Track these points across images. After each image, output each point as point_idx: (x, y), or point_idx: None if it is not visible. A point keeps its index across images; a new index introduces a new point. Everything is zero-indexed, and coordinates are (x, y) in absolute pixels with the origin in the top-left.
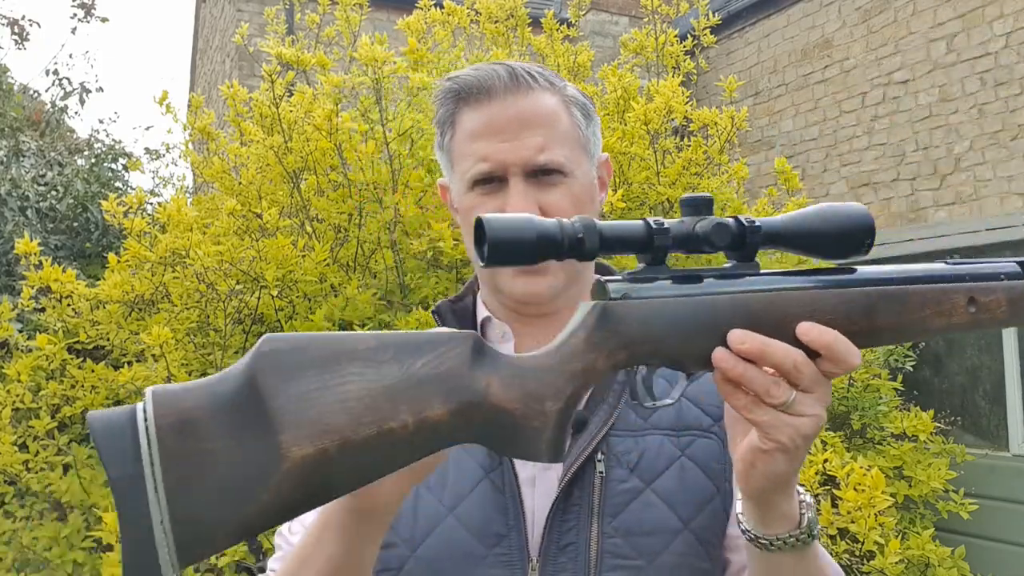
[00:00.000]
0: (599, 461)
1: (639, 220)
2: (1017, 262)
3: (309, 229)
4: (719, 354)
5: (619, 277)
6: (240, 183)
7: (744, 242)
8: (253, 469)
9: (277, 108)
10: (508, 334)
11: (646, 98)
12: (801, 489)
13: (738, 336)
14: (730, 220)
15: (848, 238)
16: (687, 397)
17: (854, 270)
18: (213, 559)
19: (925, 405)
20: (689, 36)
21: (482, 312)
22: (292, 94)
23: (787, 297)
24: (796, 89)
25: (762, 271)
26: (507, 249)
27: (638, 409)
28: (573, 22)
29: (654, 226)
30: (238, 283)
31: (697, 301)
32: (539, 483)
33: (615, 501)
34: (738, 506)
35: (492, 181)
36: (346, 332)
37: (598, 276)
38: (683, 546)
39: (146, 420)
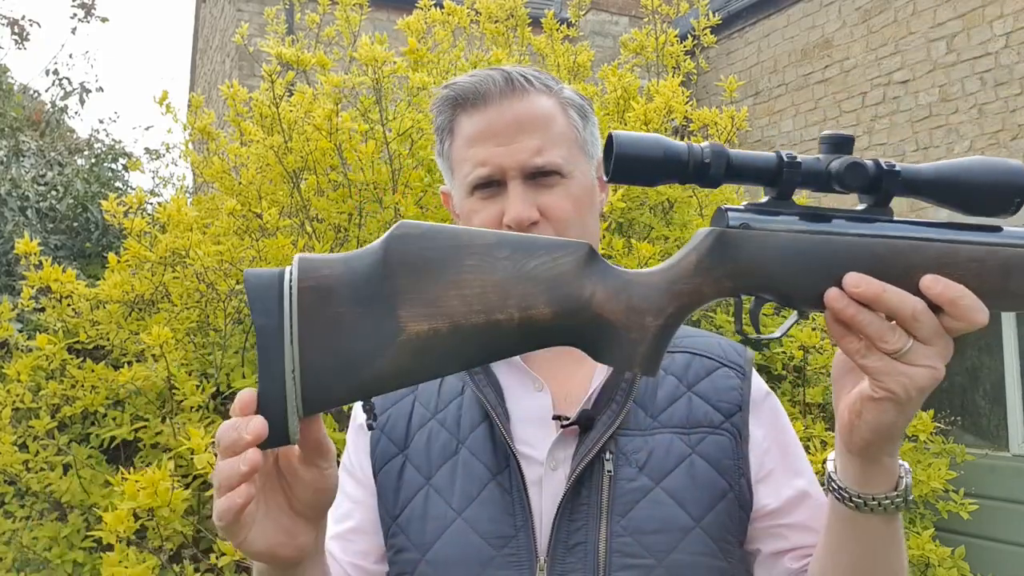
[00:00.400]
0: (607, 460)
1: (771, 152)
2: None
3: (309, 229)
4: (832, 294)
5: (741, 207)
6: (240, 183)
7: (879, 186)
8: (374, 336)
9: (277, 108)
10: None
11: (646, 98)
12: None
13: (854, 279)
14: (868, 161)
15: (995, 194)
16: (697, 394)
17: (999, 228)
18: (213, 559)
19: (925, 405)
20: (689, 36)
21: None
22: (292, 94)
23: (915, 247)
24: (796, 89)
25: (896, 219)
26: (632, 165)
27: (648, 407)
28: (573, 22)
29: (786, 159)
30: (238, 283)
31: (817, 239)
32: (546, 484)
33: (624, 500)
34: (831, 465)
35: (491, 185)
36: (471, 228)
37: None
38: (695, 544)
39: (290, 281)
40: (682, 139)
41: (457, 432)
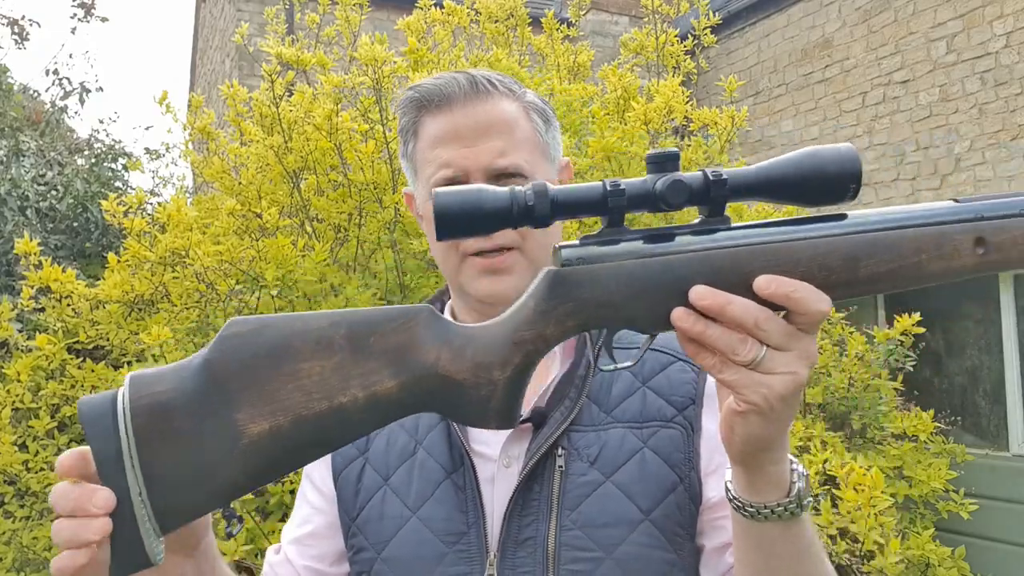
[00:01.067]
0: (559, 456)
1: (597, 182)
2: None
3: (309, 229)
4: (677, 313)
5: (575, 242)
6: (240, 183)
7: (708, 196)
8: (217, 444)
9: (277, 108)
10: None
11: (646, 98)
12: (794, 459)
13: (698, 293)
14: (689, 175)
15: (828, 183)
16: (652, 389)
17: (843, 216)
18: None
19: (925, 405)
20: (689, 36)
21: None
22: (292, 94)
23: (753, 251)
24: (796, 89)
25: (736, 224)
26: (456, 220)
27: (602, 403)
28: (573, 22)
29: (608, 187)
30: (238, 283)
31: (653, 261)
32: (499, 480)
33: (574, 494)
34: (728, 473)
35: (455, 186)
36: (304, 312)
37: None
38: (643, 537)
39: (123, 403)
40: (682, 138)
41: (415, 433)
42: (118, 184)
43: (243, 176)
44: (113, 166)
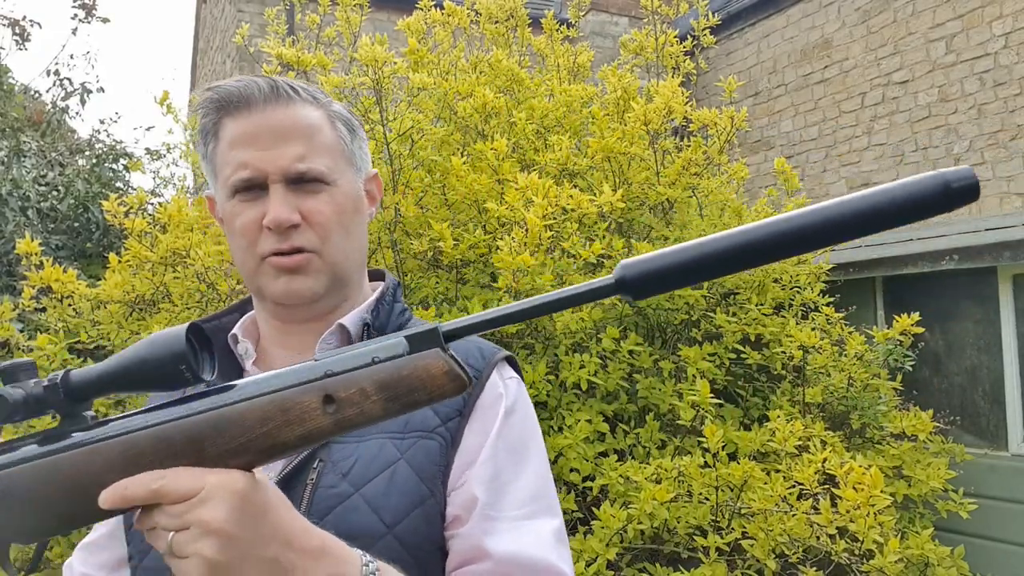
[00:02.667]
0: (314, 469)
1: None
2: (408, 336)
3: None
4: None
5: None
6: None
7: (48, 406)
8: None
9: None
10: (250, 351)
11: (646, 98)
12: (366, 561)
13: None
14: (28, 387)
15: (165, 368)
16: None
17: (231, 387)
18: None
19: (924, 405)
20: (689, 37)
21: (237, 329)
22: None
23: (94, 454)
24: (795, 89)
25: (97, 422)
26: None
27: None
28: (573, 23)
29: None
30: (239, 283)
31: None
32: None
33: (321, 507)
34: None
35: (253, 188)
36: None
37: None
38: (384, 551)
39: None
40: (682, 139)
41: None
42: (119, 184)
43: None
44: (114, 167)
